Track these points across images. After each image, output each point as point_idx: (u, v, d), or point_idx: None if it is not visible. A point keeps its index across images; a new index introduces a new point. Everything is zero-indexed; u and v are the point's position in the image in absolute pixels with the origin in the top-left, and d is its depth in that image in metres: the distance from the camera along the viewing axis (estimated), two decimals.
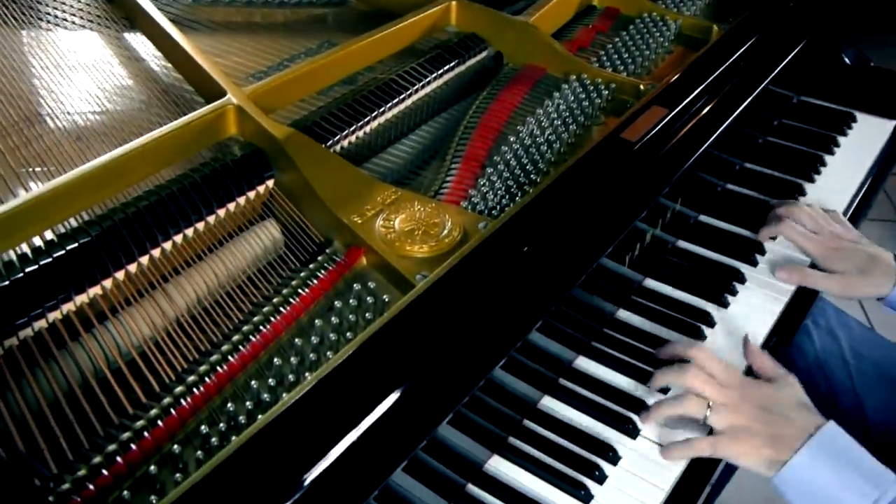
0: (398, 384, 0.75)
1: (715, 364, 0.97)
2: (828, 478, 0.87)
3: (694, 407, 0.94)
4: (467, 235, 0.94)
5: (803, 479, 0.88)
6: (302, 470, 0.68)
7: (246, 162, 1.03)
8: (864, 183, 1.43)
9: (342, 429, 0.71)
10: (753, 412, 0.92)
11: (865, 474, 0.87)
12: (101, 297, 0.88)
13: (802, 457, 0.88)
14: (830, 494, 0.87)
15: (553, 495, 0.92)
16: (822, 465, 0.87)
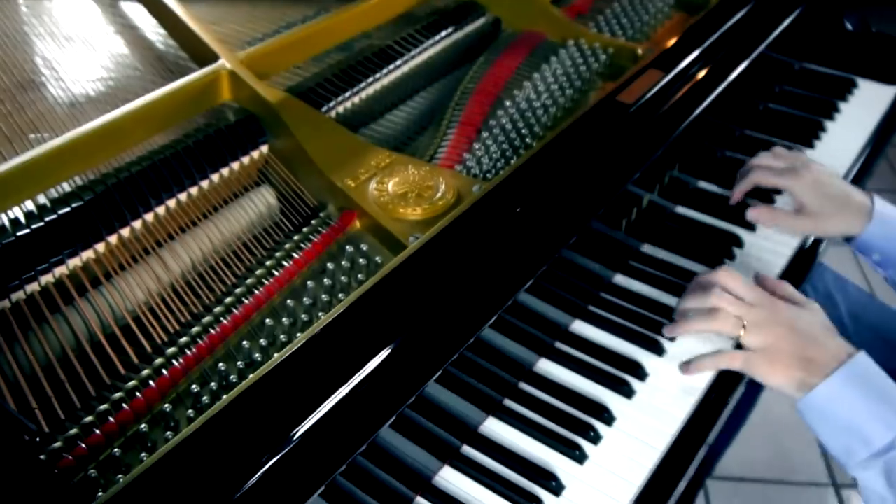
0: (388, 342, 0.75)
1: (740, 284, 0.96)
2: (855, 406, 0.86)
3: (728, 325, 0.93)
4: (461, 198, 0.93)
5: (829, 405, 0.87)
6: (292, 424, 0.68)
7: (240, 127, 1.03)
8: (864, 148, 1.42)
9: (332, 384, 0.71)
10: (785, 333, 0.91)
11: (893, 405, 0.86)
12: (96, 262, 0.88)
13: (832, 382, 0.87)
14: (856, 423, 0.86)
15: (549, 455, 0.92)
16: (850, 393, 0.87)
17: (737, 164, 1.36)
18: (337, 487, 0.77)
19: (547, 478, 0.89)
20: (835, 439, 0.89)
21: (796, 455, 1.98)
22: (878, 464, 0.85)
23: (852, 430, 0.86)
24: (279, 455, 0.66)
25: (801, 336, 0.92)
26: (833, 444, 0.89)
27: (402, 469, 0.86)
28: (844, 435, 0.87)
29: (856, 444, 0.86)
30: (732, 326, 0.93)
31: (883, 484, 0.85)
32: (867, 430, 0.85)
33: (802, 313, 0.95)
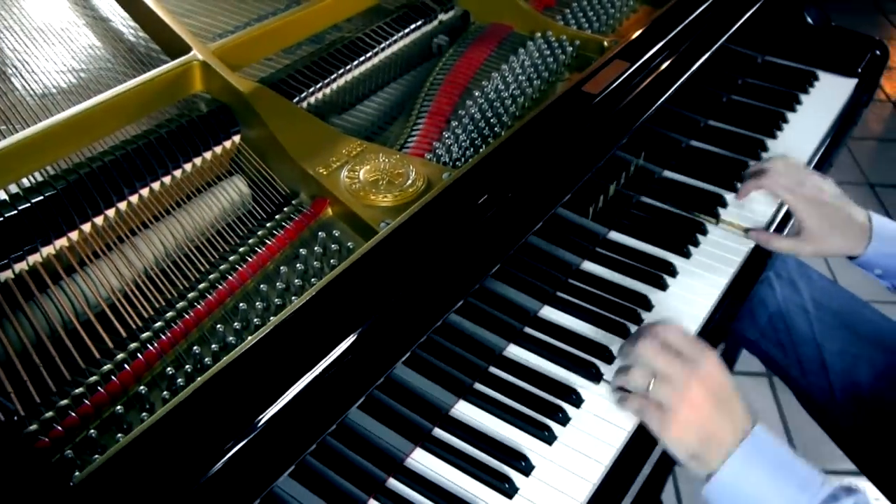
0: (359, 324, 0.76)
1: (673, 332, 0.89)
2: (758, 486, 0.82)
3: (637, 377, 0.88)
4: (431, 185, 0.95)
5: (733, 491, 0.83)
6: (265, 404, 0.69)
7: (212, 117, 1.04)
8: (825, 138, 1.46)
9: (305, 365, 0.72)
10: (699, 397, 0.84)
11: (794, 479, 0.82)
12: (69, 250, 0.89)
13: (731, 465, 0.82)
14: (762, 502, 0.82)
15: (518, 436, 0.94)
16: (752, 474, 0.82)
17: (701, 154, 1.40)
18: (310, 469, 0.79)
19: (517, 458, 0.91)
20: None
21: None
22: None
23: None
24: (252, 435, 0.67)
25: (711, 405, 0.84)
26: None
27: (375, 451, 0.88)
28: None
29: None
30: (643, 377, 0.88)
31: None
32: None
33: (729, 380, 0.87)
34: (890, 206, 2.77)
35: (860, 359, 1.24)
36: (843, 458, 1.26)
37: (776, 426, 2.05)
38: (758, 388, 2.11)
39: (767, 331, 1.32)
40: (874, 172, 2.93)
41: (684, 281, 1.15)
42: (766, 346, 1.33)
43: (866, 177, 2.91)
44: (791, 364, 1.31)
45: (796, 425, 2.05)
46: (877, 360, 1.23)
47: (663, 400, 0.85)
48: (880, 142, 3.16)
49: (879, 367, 1.23)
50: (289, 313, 0.76)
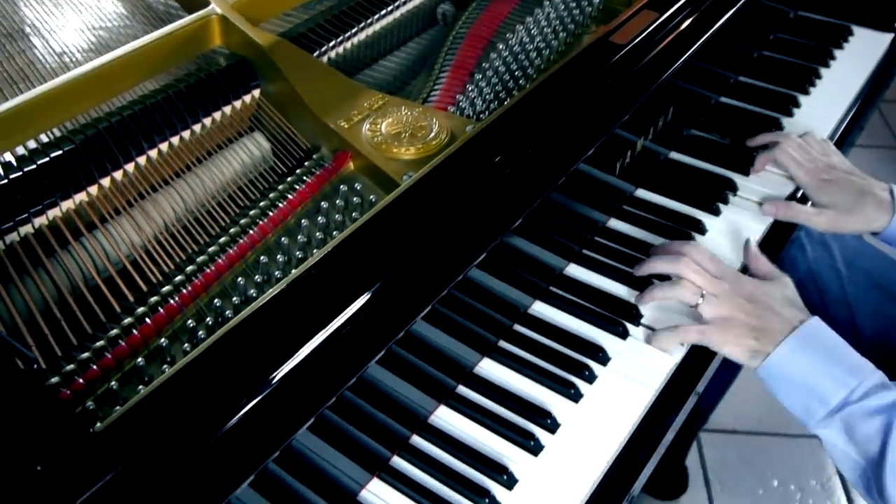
0: (378, 278, 0.75)
1: (707, 258, 0.98)
2: (807, 368, 0.89)
3: (688, 293, 0.96)
4: (454, 138, 0.93)
5: (784, 370, 0.90)
6: (285, 355, 0.68)
7: (231, 72, 1.02)
8: (860, 94, 1.41)
9: (326, 317, 0.71)
10: (741, 304, 0.94)
11: (844, 364, 0.89)
12: (89, 206, 0.88)
13: (784, 348, 0.90)
14: (810, 383, 0.89)
15: (544, 394, 0.92)
16: (802, 357, 0.90)
17: (731, 111, 1.36)
18: (334, 426, 0.78)
19: (543, 416, 0.89)
20: (794, 401, 0.91)
21: None
22: (836, 421, 0.88)
23: (808, 390, 0.89)
24: (271, 387, 0.66)
25: (758, 307, 0.94)
26: (793, 406, 0.92)
27: (399, 409, 0.87)
28: (802, 396, 0.90)
29: (813, 404, 0.89)
30: (692, 295, 0.96)
31: (844, 440, 0.88)
32: (821, 390, 0.88)
33: (766, 287, 0.97)
34: None
35: (893, 320, 1.21)
36: None
37: None
38: None
39: (798, 292, 1.29)
40: None
41: (714, 239, 1.12)
42: None
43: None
44: None
45: None
46: None
47: (716, 314, 0.95)
48: None
49: None
50: (309, 265, 0.75)
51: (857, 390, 0.87)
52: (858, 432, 0.87)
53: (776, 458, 1.89)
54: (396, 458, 0.87)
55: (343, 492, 0.83)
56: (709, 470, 1.86)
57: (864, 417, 0.86)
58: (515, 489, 0.84)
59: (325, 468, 0.80)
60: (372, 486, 0.84)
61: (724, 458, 1.88)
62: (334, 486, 0.82)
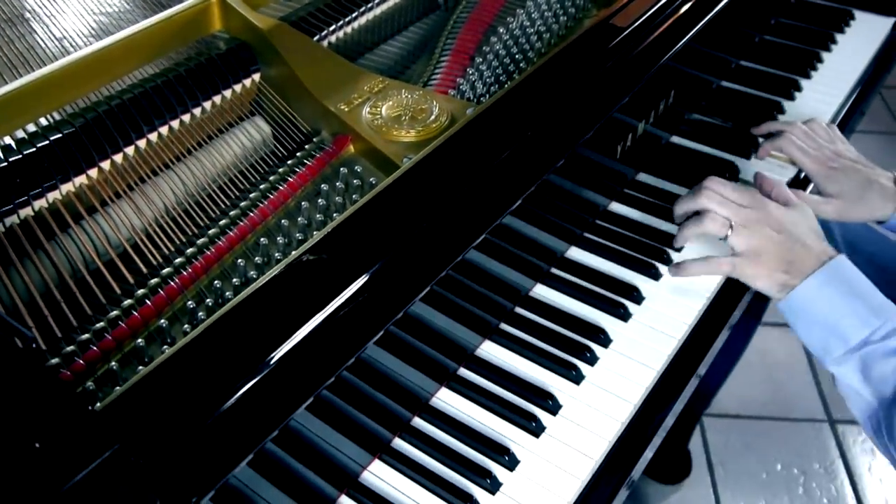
0: (378, 258, 0.75)
1: (729, 187, 0.97)
2: (832, 304, 0.89)
3: (715, 225, 0.95)
4: (455, 120, 0.93)
5: (808, 304, 0.90)
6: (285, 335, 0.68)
7: (231, 56, 1.02)
8: (862, 78, 1.41)
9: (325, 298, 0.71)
10: (772, 235, 0.93)
11: (869, 304, 0.88)
12: (90, 190, 0.88)
13: (811, 283, 0.90)
14: (832, 319, 0.88)
15: (546, 376, 0.92)
16: (829, 292, 0.89)
17: (732, 95, 1.36)
18: (336, 408, 0.78)
19: (544, 397, 0.90)
20: (813, 336, 0.91)
21: (792, 392, 2.00)
22: (854, 359, 0.87)
23: (830, 327, 0.89)
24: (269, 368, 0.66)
25: (787, 237, 0.93)
26: (812, 341, 0.92)
27: (400, 391, 0.87)
28: (822, 332, 0.90)
29: (833, 340, 0.89)
30: (720, 226, 0.95)
31: (859, 378, 0.88)
32: (843, 327, 0.88)
33: (791, 214, 0.96)
34: None
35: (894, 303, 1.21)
36: None
37: (807, 379, 2.03)
38: (787, 340, 2.08)
39: None
40: None
41: None
42: None
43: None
44: None
45: (826, 377, 2.02)
46: None
47: (746, 245, 0.94)
48: None
49: None
50: (308, 247, 0.75)
51: (880, 331, 0.86)
52: (875, 372, 0.86)
53: (779, 442, 1.90)
54: (398, 440, 0.87)
55: (345, 473, 0.83)
56: (712, 454, 1.86)
57: (883, 357, 0.86)
58: (517, 470, 0.84)
59: (327, 450, 0.80)
60: (373, 468, 0.84)
61: (728, 443, 1.88)
62: (336, 468, 0.82)
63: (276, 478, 0.75)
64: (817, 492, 1.81)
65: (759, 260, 0.93)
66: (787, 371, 2.04)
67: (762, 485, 1.82)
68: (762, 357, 2.03)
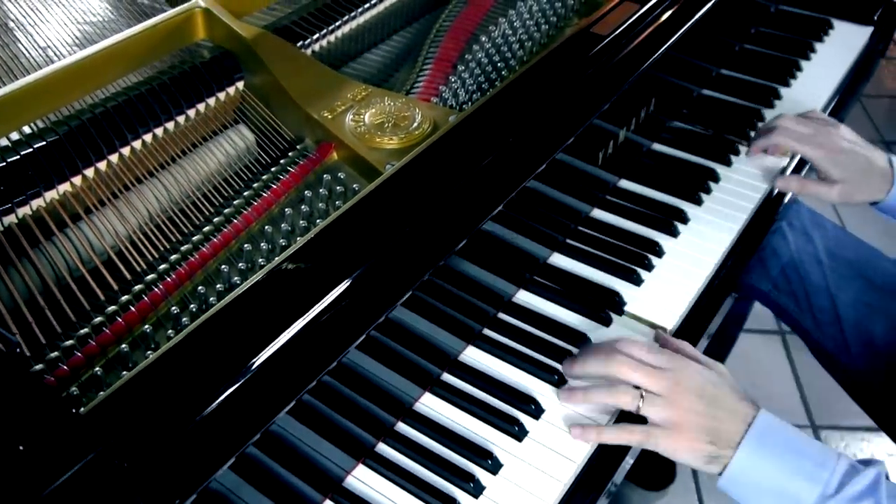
0: (360, 264, 0.75)
1: (644, 350, 0.87)
2: (773, 469, 0.80)
3: (626, 397, 0.85)
4: (437, 128, 0.94)
5: (749, 477, 0.81)
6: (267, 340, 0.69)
7: (215, 64, 1.02)
8: (841, 86, 1.43)
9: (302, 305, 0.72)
10: (691, 403, 0.83)
11: (809, 457, 0.80)
12: (74, 197, 0.88)
13: (743, 453, 0.80)
14: (780, 485, 0.79)
15: (528, 381, 0.93)
16: (765, 458, 0.80)
17: (714, 103, 1.38)
18: (320, 413, 0.79)
19: (527, 402, 0.90)
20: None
21: (775, 398, 2.01)
22: None
23: (779, 493, 0.80)
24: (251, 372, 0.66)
25: (708, 404, 0.83)
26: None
27: (384, 396, 0.87)
28: (774, 500, 0.80)
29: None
30: (631, 399, 0.85)
31: None
32: (795, 490, 0.79)
33: (710, 375, 0.86)
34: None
35: (874, 309, 1.23)
36: (858, 414, 1.25)
37: (790, 385, 2.04)
38: (771, 346, 2.10)
39: (780, 282, 1.31)
40: (889, 130, 2.90)
41: (696, 228, 1.13)
42: (779, 298, 1.31)
43: (881, 134, 2.87)
44: (804, 315, 1.29)
45: (810, 384, 2.04)
46: (891, 310, 1.22)
47: (660, 416, 0.83)
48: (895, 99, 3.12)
49: (894, 318, 1.21)
50: (291, 252, 0.75)
51: (831, 482, 0.78)
52: None
53: None
54: (382, 445, 0.87)
55: (329, 478, 0.83)
56: None
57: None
58: (500, 474, 0.85)
59: (312, 455, 0.81)
60: (357, 472, 0.85)
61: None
62: (320, 473, 0.82)
63: (260, 483, 0.75)
64: None
65: (679, 431, 0.82)
66: (770, 377, 2.05)
67: None
68: (745, 363, 2.04)
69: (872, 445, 1.91)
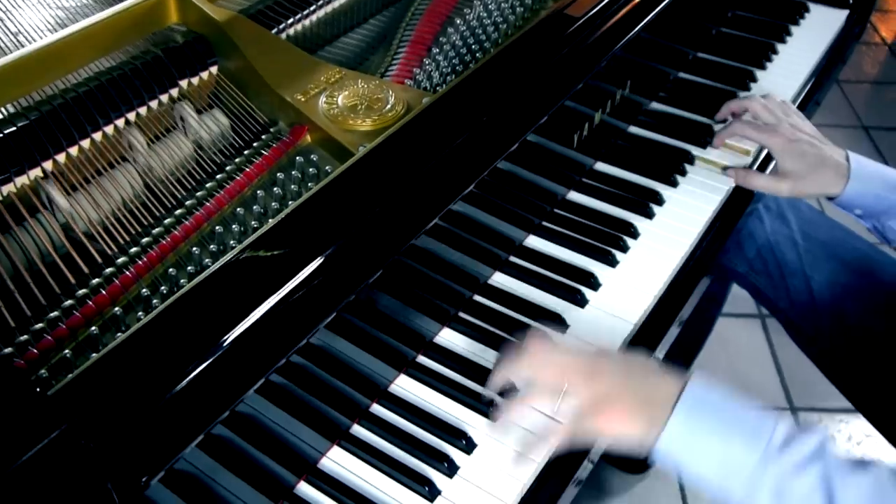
0: (331, 243, 0.75)
1: (549, 346, 0.83)
2: (707, 438, 0.75)
3: (544, 395, 0.81)
4: (411, 109, 0.94)
5: (684, 447, 0.76)
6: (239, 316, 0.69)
7: (188, 48, 1.02)
8: (816, 68, 1.44)
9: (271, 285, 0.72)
10: (613, 379, 0.80)
11: (746, 423, 0.76)
12: (45, 181, 0.87)
13: (675, 421, 0.75)
14: (717, 455, 0.75)
15: None
16: (698, 425, 0.76)
17: (690, 86, 1.38)
18: (295, 396, 0.79)
19: None
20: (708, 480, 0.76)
21: (755, 381, 2.02)
22: (763, 491, 0.73)
23: (719, 463, 0.75)
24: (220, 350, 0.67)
25: (631, 379, 0.80)
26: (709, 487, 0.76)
27: (359, 378, 0.88)
28: (714, 471, 0.76)
29: (730, 478, 0.75)
30: (550, 394, 0.81)
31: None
32: (733, 459, 0.74)
33: (627, 356, 0.86)
34: (884, 148, 2.75)
35: (848, 289, 1.24)
36: (837, 397, 1.25)
37: (769, 369, 2.06)
38: (750, 330, 2.11)
39: (756, 263, 1.31)
40: (869, 115, 2.91)
41: (671, 209, 1.14)
42: (755, 279, 1.32)
43: (861, 120, 2.88)
44: (780, 296, 1.30)
45: (789, 367, 2.05)
46: (864, 291, 1.23)
47: (583, 409, 0.79)
48: (875, 84, 3.13)
49: (866, 298, 1.22)
50: (261, 233, 0.75)
51: (771, 447, 0.74)
52: (794, 493, 0.73)
53: None
54: (357, 426, 0.87)
55: (304, 459, 0.83)
56: None
57: (793, 476, 0.73)
58: (474, 454, 0.85)
59: (286, 437, 0.81)
60: (332, 454, 0.85)
61: None
62: (295, 454, 0.82)
63: (234, 465, 0.75)
64: None
65: (608, 407, 0.78)
66: (749, 360, 2.07)
67: None
68: (725, 347, 2.05)
69: (850, 427, 1.93)
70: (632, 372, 0.81)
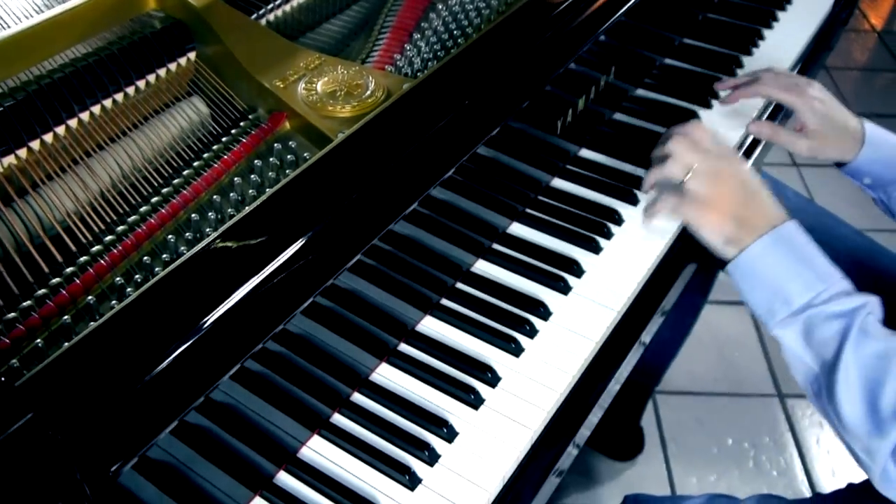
0: (308, 229, 0.74)
1: (707, 135, 0.97)
2: (779, 266, 0.89)
3: (675, 168, 0.95)
4: (391, 96, 0.92)
5: (756, 265, 0.90)
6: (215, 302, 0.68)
7: (166, 34, 1.01)
8: (803, 54, 1.43)
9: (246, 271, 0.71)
10: (731, 185, 0.93)
11: (815, 269, 0.89)
12: (20, 171, 0.86)
13: (759, 245, 0.90)
14: (778, 282, 0.89)
15: (486, 350, 0.93)
16: (777, 255, 0.89)
17: (677, 72, 1.37)
18: (274, 385, 0.78)
19: (483, 370, 0.90)
20: (758, 298, 0.91)
21: (743, 368, 2.03)
22: (797, 322, 0.88)
23: (775, 289, 0.89)
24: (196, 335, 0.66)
25: (746, 193, 0.93)
26: (757, 303, 0.92)
27: (340, 367, 0.87)
28: (768, 294, 0.90)
29: (777, 303, 0.89)
30: (679, 169, 0.94)
31: (801, 343, 0.88)
32: (788, 290, 0.88)
33: (756, 176, 0.95)
34: None
35: None
36: None
37: (757, 356, 2.06)
38: (738, 317, 2.11)
39: None
40: (858, 102, 2.91)
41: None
42: None
43: (850, 106, 2.87)
44: None
45: (777, 355, 2.04)
46: (852, 277, 1.22)
47: (700, 190, 0.93)
48: (864, 71, 3.13)
49: (854, 284, 1.22)
50: (238, 219, 0.74)
51: (823, 294, 0.87)
52: (816, 336, 0.87)
53: (730, 418, 1.92)
54: (337, 415, 0.87)
55: (283, 449, 0.83)
56: (665, 430, 1.88)
57: (824, 321, 0.86)
58: (456, 442, 0.84)
59: (266, 426, 0.80)
60: (312, 443, 0.84)
61: (680, 419, 1.91)
62: (275, 444, 0.82)
63: (212, 455, 0.74)
64: (767, 464, 1.84)
65: (711, 208, 0.92)
66: (737, 347, 2.07)
67: (714, 459, 1.84)
68: (713, 334, 2.05)
69: None
70: (746, 189, 0.93)
